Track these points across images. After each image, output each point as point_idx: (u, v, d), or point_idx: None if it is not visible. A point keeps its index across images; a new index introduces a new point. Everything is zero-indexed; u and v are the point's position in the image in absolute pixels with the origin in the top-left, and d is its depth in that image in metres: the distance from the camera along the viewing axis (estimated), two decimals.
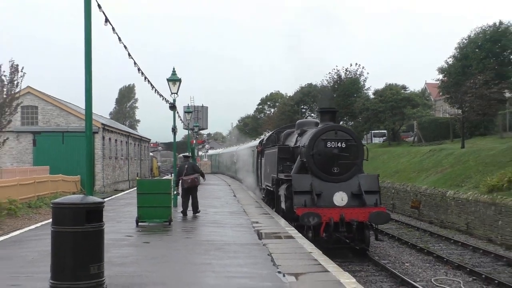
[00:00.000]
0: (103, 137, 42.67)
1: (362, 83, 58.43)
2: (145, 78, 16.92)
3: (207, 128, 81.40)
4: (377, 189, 16.47)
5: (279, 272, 9.36)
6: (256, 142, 33.92)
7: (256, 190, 29.60)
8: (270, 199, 22.37)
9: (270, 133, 25.93)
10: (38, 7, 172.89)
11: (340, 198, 15.74)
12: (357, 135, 20.76)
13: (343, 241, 15.69)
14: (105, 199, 17.80)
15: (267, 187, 22.42)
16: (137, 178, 40.13)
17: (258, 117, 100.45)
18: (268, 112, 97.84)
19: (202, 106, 68.57)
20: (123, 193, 34.42)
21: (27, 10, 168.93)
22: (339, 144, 16.31)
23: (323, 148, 16.34)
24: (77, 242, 6.70)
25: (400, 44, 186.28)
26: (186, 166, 18.69)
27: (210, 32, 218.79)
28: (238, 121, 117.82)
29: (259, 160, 26.02)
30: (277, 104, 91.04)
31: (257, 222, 16.66)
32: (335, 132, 16.51)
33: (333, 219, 15.06)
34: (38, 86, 46.42)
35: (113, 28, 11.32)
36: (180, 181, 18.61)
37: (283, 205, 17.27)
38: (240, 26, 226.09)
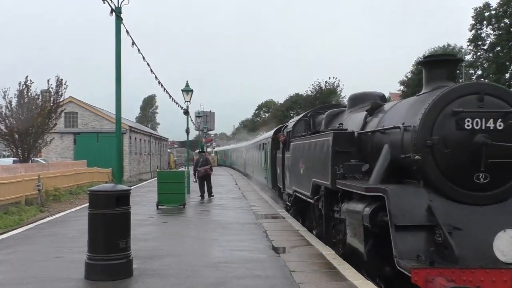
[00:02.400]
0: (130, 137, 42.53)
1: (339, 92, 58.56)
2: (164, 89, 17.03)
3: (214, 129, 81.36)
4: None
5: (273, 246, 9.32)
6: (268, 133, 23.10)
7: (270, 190, 20.27)
8: (302, 211, 12.54)
9: (299, 116, 14.68)
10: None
11: (509, 244, 5.84)
12: None
13: None
14: (132, 187, 17.72)
15: (297, 194, 12.27)
16: (157, 170, 40.09)
17: (255, 120, 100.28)
18: (263, 116, 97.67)
19: (210, 111, 68.34)
20: (146, 182, 34.39)
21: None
22: (489, 124, 6.31)
23: (454, 131, 6.38)
24: (109, 222, 6.66)
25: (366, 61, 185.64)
26: (200, 159, 19.37)
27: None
28: (239, 123, 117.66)
29: (281, 155, 15.73)
30: (271, 110, 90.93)
31: (254, 206, 16.60)
32: (479, 98, 6.41)
33: None
34: (78, 95, 46.32)
35: (138, 50, 11.25)
36: (196, 172, 19.14)
37: (358, 246, 7.22)
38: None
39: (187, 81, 21.90)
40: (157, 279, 6.79)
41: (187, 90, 21.80)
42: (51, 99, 29.77)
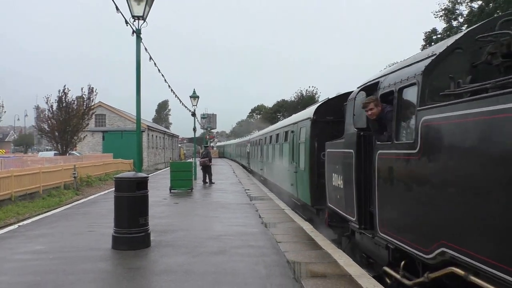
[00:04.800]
0: (148, 134, 42.45)
1: (317, 99, 58.59)
2: (176, 95, 17.05)
3: (216, 128, 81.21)
4: None
5: (263, 222, 9.35)
6: (304, 113, 10.82)
7: (299, 207, 10.73)
8: None
9: (446, 43, 3.69)
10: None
11: None
12: None
13: None
14: (149, 175, 17.68)
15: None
16: (170, 161, 40.01)
17: (249, 121, 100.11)
18: (256, 118, 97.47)
19: (213, 113, 68.24)
20: (160, 171, 34.26)
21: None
22: None
23: None
24: (131, 203, 6.66)
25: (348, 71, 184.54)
26: (203, 152, 19.48)
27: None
28: (236, 123, 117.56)
29: (352, 150, 5.61)
30: (262, 112, 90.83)
31: (248, 190, 16.61)
32: None
33: None
34: (106, 100, 46.20)
35: (155, 63, 11.27)
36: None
37: None
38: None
39: (194, 89, 22.18)
40: (170, 249, 6.80)
41: (194, 96, 22.23)
42: (84, 103, 30.03)
